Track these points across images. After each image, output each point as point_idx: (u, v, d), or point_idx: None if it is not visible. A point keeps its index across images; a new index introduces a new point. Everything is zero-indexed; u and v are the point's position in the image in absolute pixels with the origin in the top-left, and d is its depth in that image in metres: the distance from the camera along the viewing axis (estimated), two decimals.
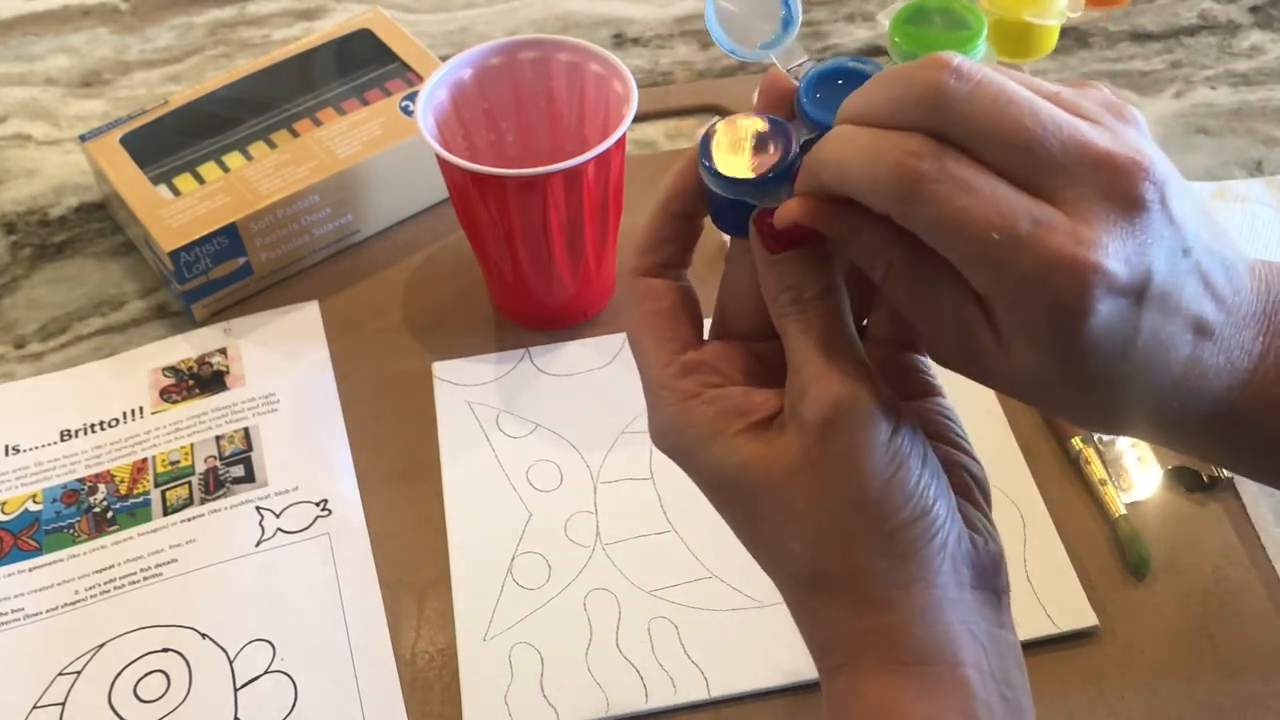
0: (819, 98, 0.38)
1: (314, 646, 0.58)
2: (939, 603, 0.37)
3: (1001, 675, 0.38)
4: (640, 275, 0.41)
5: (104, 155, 0.73)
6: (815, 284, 0.38)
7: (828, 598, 0.38)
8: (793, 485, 0.37)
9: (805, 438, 0.37)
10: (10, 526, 0.63)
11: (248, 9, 0.93)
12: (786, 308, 0.38)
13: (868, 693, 0.37)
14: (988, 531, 0.39)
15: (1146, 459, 0.63)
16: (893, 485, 0.37)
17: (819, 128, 0.37)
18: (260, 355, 0.70)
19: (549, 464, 0.64)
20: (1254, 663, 0.56)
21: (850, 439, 0.36)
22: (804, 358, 0.37)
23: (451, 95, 0.66)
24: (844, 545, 0.37)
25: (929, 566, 0.37)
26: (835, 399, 0.36)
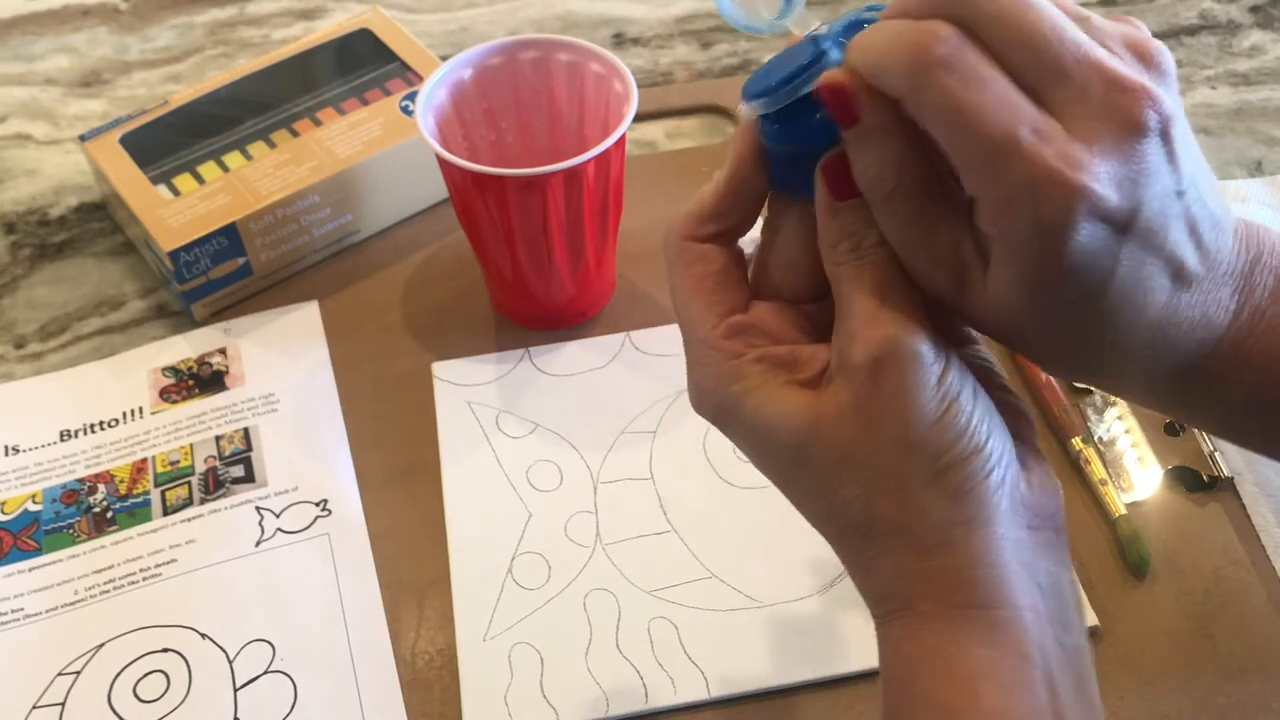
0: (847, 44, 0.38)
1: (314, 646, 0.58)
2: (998, 543, 0.37)
3: (1060, 619, 0.37)
4: (688, 239, 0.41)
5: (104, 155, 0.73)
6: (876, 231, 0.38)
7: (884, 543, 0.38)
8: (843, 429, 0.37)
9: (854, 380, 0.37)
10: (10, 527, 0.63)
11: (248, 9, 0.93)
12: (845, 255, 0.38)
13: (925, 636, 0.37)
14: (1043, 470, 0.39)
15: (1147, 459, 0.63)
16: (944, 423, 0.36)
17: None
18: (260, 355, 0.70)
19: (549, 464, 0.64)
20: (1254, 663, 0.56)
21: (899, 378, 0.36)
22: (855, 304, 0.37)
23: (451, 95, 0.66)
24: (898, 487, 0.37)
25: (986, 504, 0.37)
26: (883, 339, 0.36)
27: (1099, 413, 0.64)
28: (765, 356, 0.39)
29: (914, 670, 0.37)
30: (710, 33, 0.89)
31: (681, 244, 0.41)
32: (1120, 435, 0.64)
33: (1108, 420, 0.64)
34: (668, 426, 0.65)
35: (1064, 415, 0.64)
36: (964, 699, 0.36)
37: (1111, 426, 0.64)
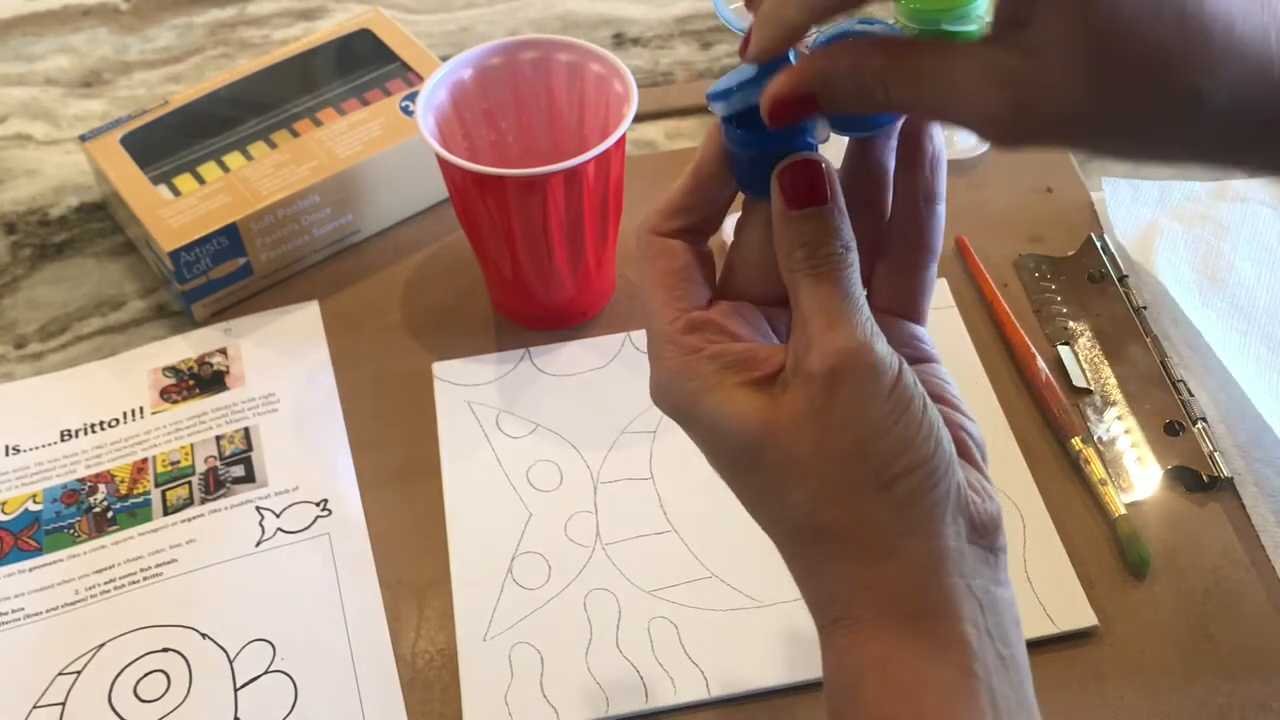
0: None
1: (314, 646, 0.58)
2: (941, 554, 0.37)
3: (998, 632, 0.38)
4: (656, 233, 0.42)
5: (104, 155, 0.73)
6: (831, 241, 0.38)
7: (829, 550, 0.38)
8: (795, 435, 0.38)
9: (810, 388, 0.37)
10: (10, 526, 0.63)
11: (248, 9, 0.93)
12: (800, 264, 0.39)
13: (868, 646, 0.37)
14: (985, 491, 0.40)
15: (1146, 459, 0.63)
16: (895, 433, 0.37)
17: None
18: (260, 355, 0.70)
19: (549, 464, 0.64)
20: (1254, 663, 0.56)
21: (853, 389, 0.37)
22: (812, 312, 0.38)
23: (451, 95, 0.66)
24: (846, 494, 0.37)
25: (931, 516, 0.37)
26: (840, 349, 0.37)
27: (1099, 413, 0.65)
28: (721, 354, 0.39)
29: (857, 680, 0.38)
30: (710, 33, 0.89)
31: (649, 237, 0.42)
32: (1120, 435, 0.64)
33: (1107, 420, 0.64)
34: (668, 426, 0.65)
35: (1064, 415, 0.64)
36: (907, 710, 0.36)
37: (1111, 426, 0.64)
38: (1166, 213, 0.73)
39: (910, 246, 0.43)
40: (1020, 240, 0.73)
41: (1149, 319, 0.68)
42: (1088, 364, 0.67)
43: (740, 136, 0.39)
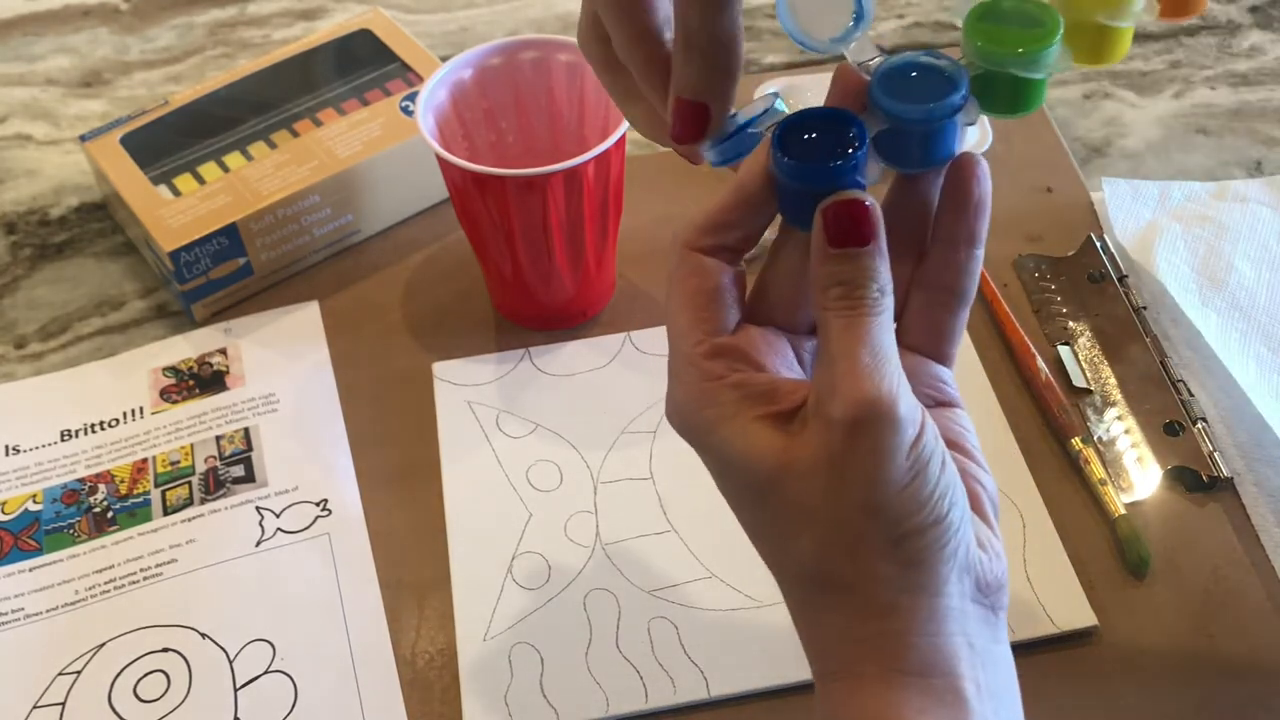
0: (893, 90, 0.39)
1: (314, 646, 0.58)
2: (943, 612, 0.37)
3: (996, 690, 0.38)
4: (691, 248, 0.40)
5: (104, 155, 0.73)
6: (868, 284, 0.38)
7: (832, 600, 0.38)
8: (809, 480, 0.37)
9: (829, 434, 0.37)
10: (10, 526, 0.63)
11: (248, 9, 0.93)
12: (834, 302, 0.38)
13: (864, 700, 0.37)
14: (993, 549, 0.39)
15: (1146, 459, 0.63)
16: (910, 491, 0.36)
17: (892, 120, 0.38)
18: (260, 355, 0.70)
19: (549, 464, 0.64)
20: (1254, 663, 0.56)
21: (874, 441, 0.36)
22: (841, 354, 0.37)
23: (451, 95, 0.66)
24: (854, 547, 0.37)
25: (937, 575, 0.37)
26: (865, 399, 0.36)
27: (1099, 413, 0.65)
28: (743, 384, 0.39)
29: None
30: None
31: (683, 252, 0.40)
32: (1120, 435, 0.64)
33: (1107, 420, 0.64)
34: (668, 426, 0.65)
35: (1064, 415, 0.64)
36: None
37: (1111, 427, 0.64)
38: (1166, 213, 0.73)
39: (945, 288, 0.42)
40: (1020, 240, 0.73)
41: (1149, 319, 0.68)
42: (1087, 364, 0.67)
43: (789, 167, 0.38)
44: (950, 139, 0.40)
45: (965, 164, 0.41)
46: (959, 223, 0.41)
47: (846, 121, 0.38)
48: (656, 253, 0.72)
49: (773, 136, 0.39)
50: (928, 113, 0.38)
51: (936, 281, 0.42)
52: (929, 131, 0.39)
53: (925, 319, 0.42)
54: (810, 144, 0.38)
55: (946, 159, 0.40)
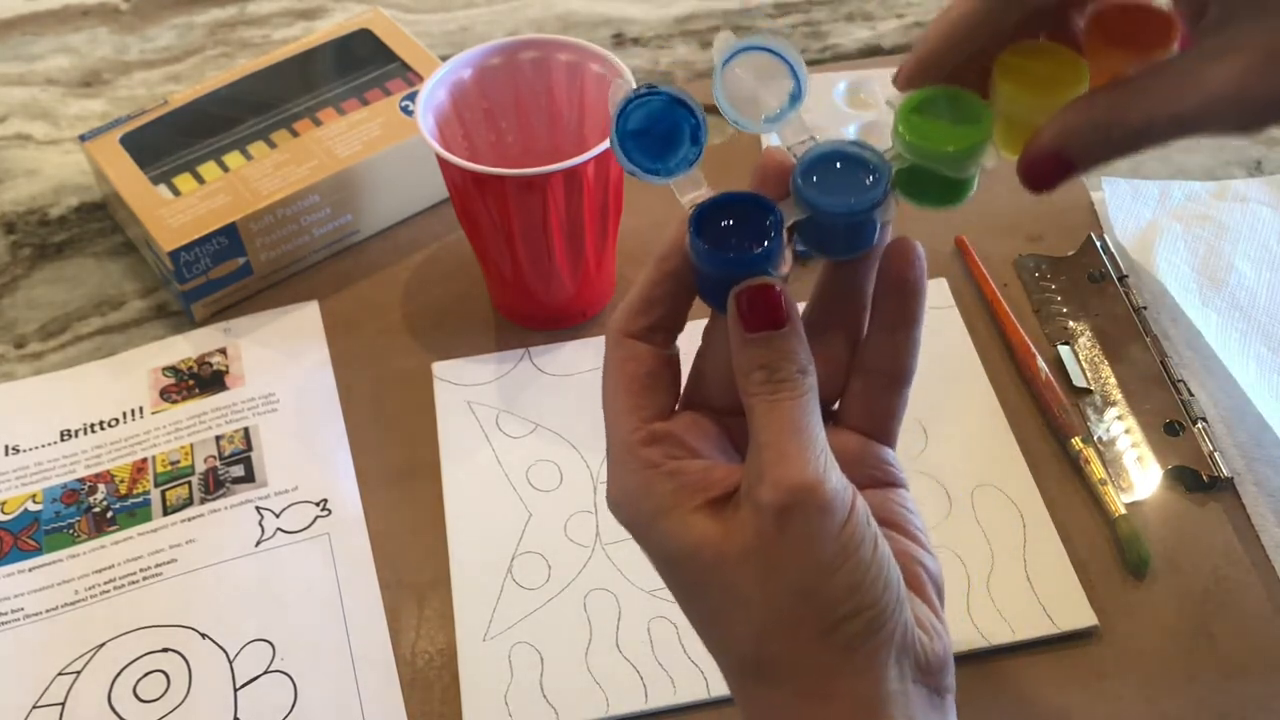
0: (815, 180, 0.39)
1: (314, 646, 0.58)
2: (883, 697, 0.37)
3: None
4: (626, 334, 0.41)
5: (104, 155, 0.73)
6: (788, 365, 0.38)
7: (770, 685, 0.38)
8: (744, 568, 0.37)
9: (759, 521, 0.37)
10: (10, 526, 0.63)
11: (248, 9, 0.93)
12: (757, 387, 0.38)
13: None
14: (935, 630, 0.39)
15: (1146, 459, 0.63)
16: (842, 575, 0.36)
17: (812, 209, 0.39)
18: (260, 355, 0.70)
19: (549, 464, 0.64)
20: (1254, 663, 0.56)
21: (803, 527, 0.36)
22: (767, 439, 0.37)
23: (451, 95, 0.66)
24: (790, 632, 0.37)
25: (874, 659, 0.37)
26: (791, 486, 0.36)
27: (1099, 413, 0.65)
28: (679, 472, 0.39)
29: None
30: (710, 33, 0.89)
31: (617, 338, 0.41)
32: (1120, 435, 0.64)
33: (1107, 420, 0.64)
34: None
35: (1064, 415, 0.64)
36: None
37: (1111, 426, 0.64)
38: (1166, 213, 0.73)
39: (884, 370, 0.42)
40: (1020, 240, 0.73)
41: (1149, 319, 0.68)
42: (1088, 364, 0.67)
43: (703, 252, 0.39)
44: (870, 231, 0.40)
45: (901, 250, 0.41)
46: (897, 308, 0.42)
47: (765, 209, 0.39)
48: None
49: (690, 219, 0.39)
50: (847, 207, 0.39)
51: (876, 365, 0.42)
52: (849, 223, 0.40)
53: (866, 401, 0.42)
54: (727, 230, 0.39)
55: (866, 249, 0.41)
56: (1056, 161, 0.39)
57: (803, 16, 0.89)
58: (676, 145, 0.40)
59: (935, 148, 0.40)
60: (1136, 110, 0.37)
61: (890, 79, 0.44)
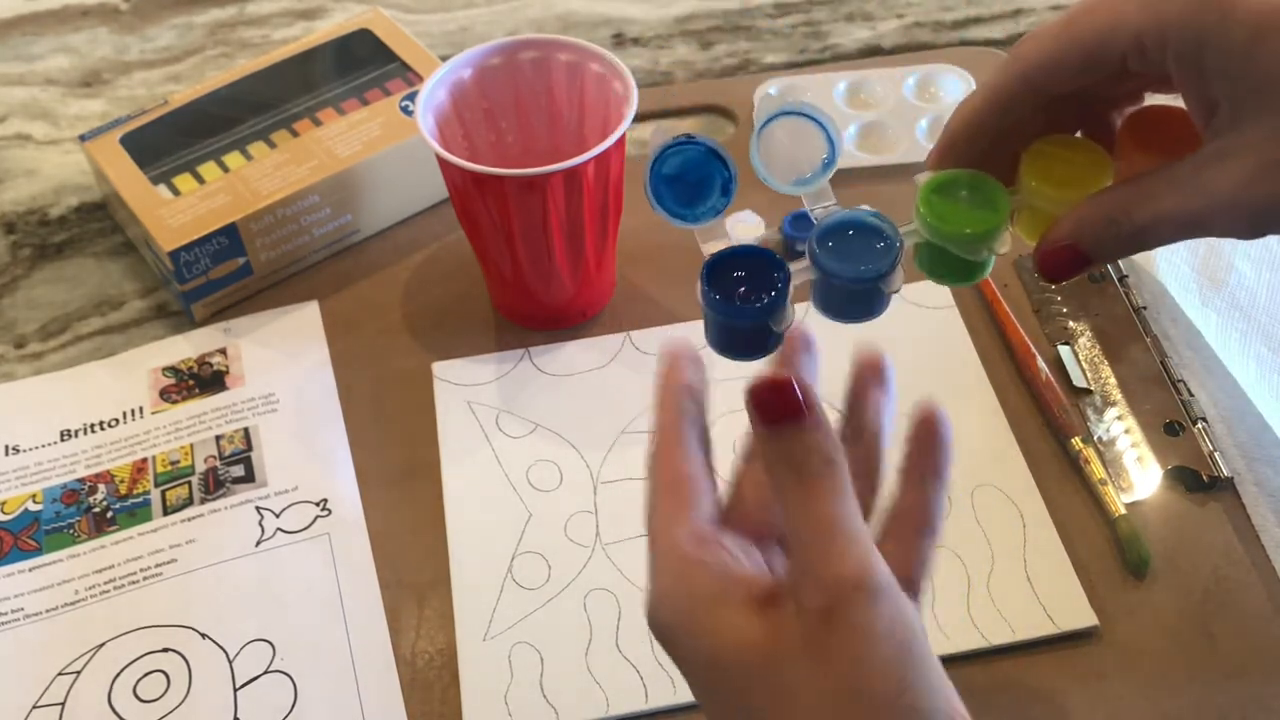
0: (831, 245, 0.41)
1: (314, 646, 0.58)
2: None
3: None
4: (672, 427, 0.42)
5: (104, 155, 0.73)
6: (814, 459, 0.38)
7: None
8: (793, 669, 0.37)
9: (805, 623, 0.37)
10: (10, 526, 0.63)
11: (248, 9, 0.93)
12: (786, 481, 0.38)
13: None
14: None
15: (1146, 459, 0.63)
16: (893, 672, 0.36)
17: (823, 272, 0.41)
18: (260, 355, 0.70)
19: (549, 464, 0.64)
20: (1254, 663, 0.56)
21: (850, 626, 0.36)
22: (806, 538, 0.37)
23: (451, 95, 0.66)
24: None
25: None
26: (836, 582, 0.36)
27: (1099, 413, 0.65)
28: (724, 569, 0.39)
29: None
30: (710, 33, 0.89)
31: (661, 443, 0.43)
32: (1120, 435, 0.64)
33: (1107, 420, 0.64)
34: None
35: (1064, 415, 0.64)
36: None
37: (1111, 426, 0.64)
38: None
39: (912, 523, 0.43)
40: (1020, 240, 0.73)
41: (1149, 319, 0.68)
42: (1088, 364, 0.67)
43: (710, 298, 0.41)
44: (877, 301, 0.42)
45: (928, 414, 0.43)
46: (924, 460, 0.43)
47: (774, 265, 0.41)
48: (656, 253, 0.73)
49: (703, 266, 0.41)
50: (856, 273, 0.41)
51: (904, 516, 0.43)
52: (855, 289, 0.42)
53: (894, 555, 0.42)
54: (737, 280, 0.41)
55: (872, 317, 0.43)
56: (1072, 254, 0.40)
57: (803, 16, 0.89)
58: (707, 194, 0.42)
59: (951, 229, 0.41)
60: (1144, 209, 0.39)
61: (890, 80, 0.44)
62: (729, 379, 0.68)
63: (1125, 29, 0.39)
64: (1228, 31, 0.37)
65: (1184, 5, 0.37)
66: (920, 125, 0.78)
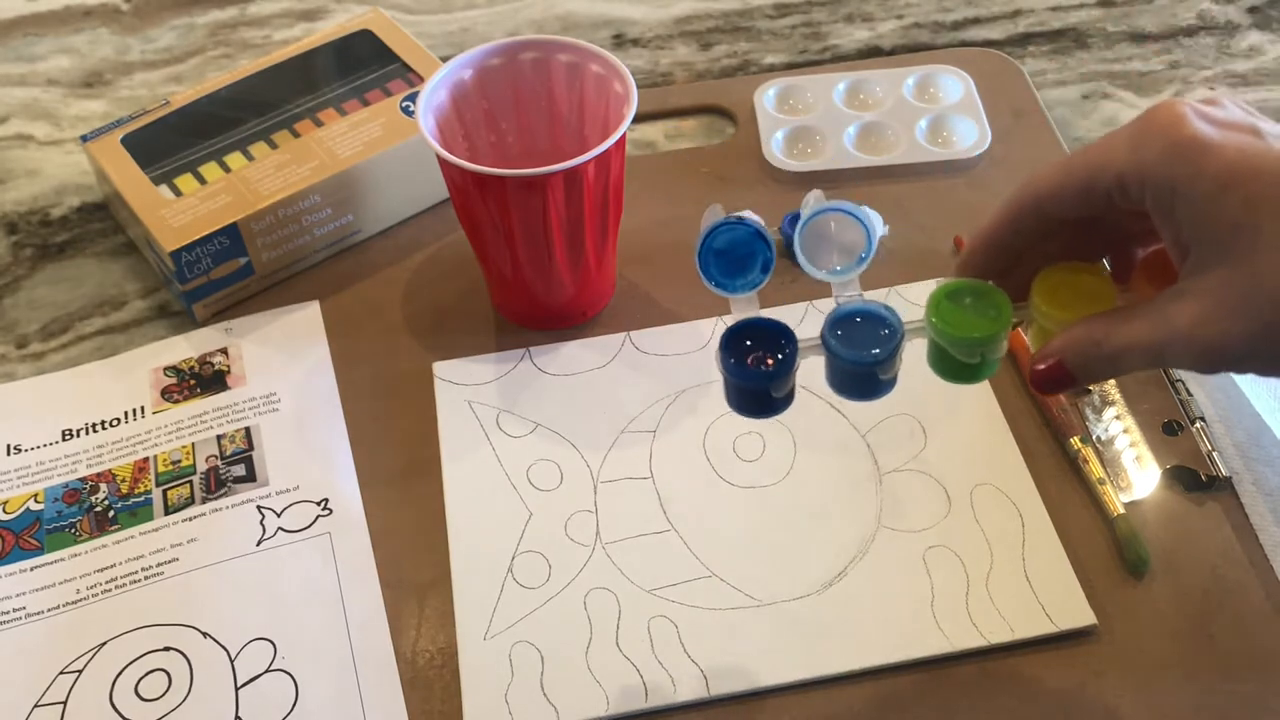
0: (840, 331, 0.46)
1: (315, 645, 0.58)
2: None
3: None
4: None
5: (105, 155, 0.73)
6: None
7: None
8: None
9: None
10: (12, 526, 0.63)
11: (249, 10, 0.93)
12: None
13: None
14: None
15: (1145, 459, 0.63)
16: None
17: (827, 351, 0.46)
18: (261, 355, 0.70)
19: (549, 463, 0.64)
20: (1253, 663, 0.56)
21: None
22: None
23: (452, 96, 0.67)
24: None
25: None
26: None
27: (1097, 412, 0.65)
28: None
29: None
30: (710, 33, 0.89)
31: None
32: (1118, 435, 0.64)
33: (1106, 420, 0.64)
34: (667, 426, 0.65)
35: (1062, 415, 0.64)
36: None
37: (1110, 426, 0.64)
38: None
39: None
40: None
41: None
42: None
43: (724, 361, 0.47)
44: (874, 385, 0.47)
45: None
46: None
47: (786, 338, 0.47)
48: (657, 253, 0.73)
49: (723, 334, 0.47)
50: (855, 357, 0.46)
51: None
52: (854, 371, 0.46)
53: None
54: (751, 346, 0.47)
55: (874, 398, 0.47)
56: (1059, 371, 0.44)
57: (803, 17, 0.89)
58: (749, 269, 0.47)
59: (955, 333, 0.46)
60: (1119, 335, 0.43)
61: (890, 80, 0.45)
62: None
63: (1111, 168, 0.42)
64: (1196, 181, 0.40)
65: (1161, 152, 0.41)
66: (919, 125, 0.79)
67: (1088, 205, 0.44)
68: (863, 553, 0.60)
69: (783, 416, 0.46)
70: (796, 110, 0.81)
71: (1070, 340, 0.44)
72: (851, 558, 0.60)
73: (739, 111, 0.81)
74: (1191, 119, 0.41)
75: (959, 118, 0.79)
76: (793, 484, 0.63)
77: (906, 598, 0.58)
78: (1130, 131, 0.42)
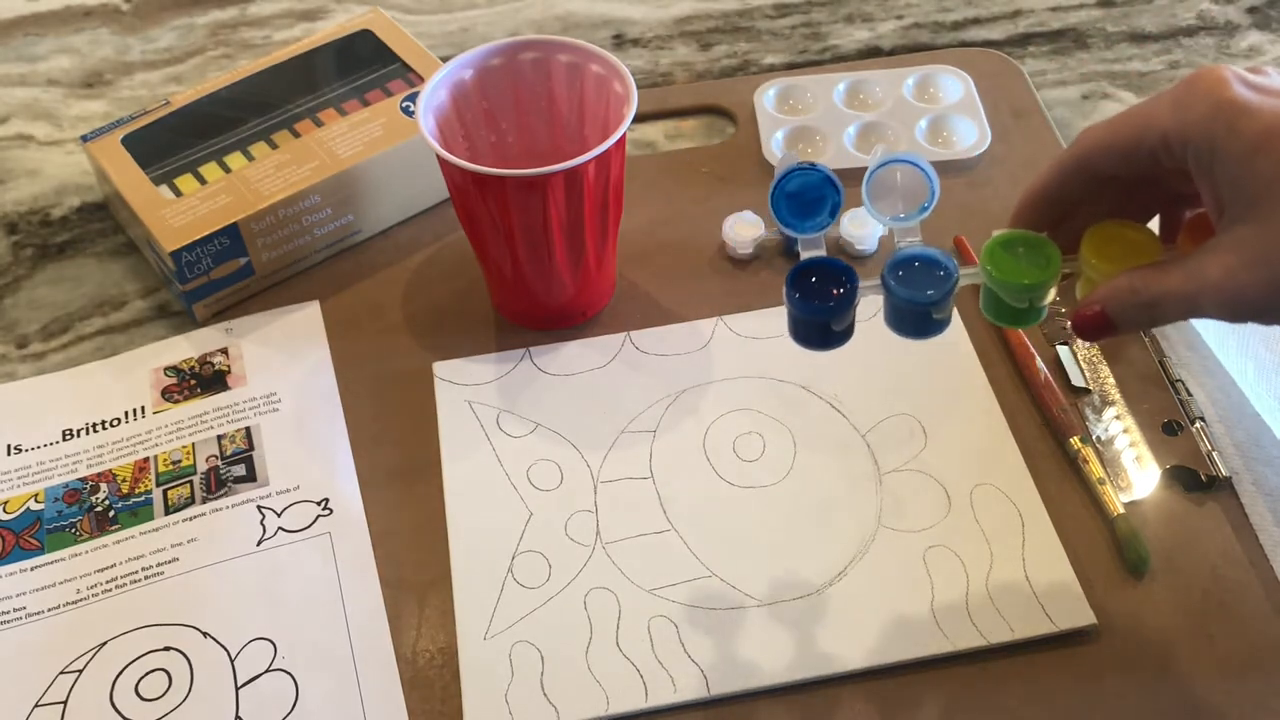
0: (901, 272, 0.49)
1: (315, 645, 0.58)
2: None
3: None
4: None
5: (105, 155, 0.73)
6: None
7: None
8: None
9: None
10: (12, 526, 0.63)
11: (249, 10, 0.93)
12: None
13: None
14: None
15: (1145, 459, 0.63)
16: None
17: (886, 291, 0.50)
18: (261, 355, 0.70)
19: (549, 463, 0.64)
20: (1253, 663, 0.56)
21: None
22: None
23: (452, 96, 0.67)
24: None
25: None
26: None
27: (1097, 412, 0.65)
28: None
29: None
30: (710, 33, 0.89)
31: None
32: (1118, 435, 0.64)
33: (1106, 420, 0.64)
34: (668, 426, 0.65)
35: (1062, 415, 0.64)
36: None
37: (1110, 426, 0.64)
38: None
39: None
40: None
41: None
42: (1086, 364, 0.67)
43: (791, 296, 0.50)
44: (928, 324, 0.50)
45: None
46: None
47: (847, 276, 0.50)
48: (657, 253, 0.73)
49: (790, 271, 0.50)
50: (910, 296, 0.49)
51: None
52: (909, 310, 0.50)
53: None
54: (815, 283, 0.50)
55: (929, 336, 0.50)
56: (1101, 318, 0.47)
57: (803, 17, 0.89)
58: (818, 212, 0.50)
59: (1003, 277, 0.49)
60: (1157, 285, 0.45)
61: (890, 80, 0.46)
62: (729, 379, 0.68)
63: (1156, 128, 0.45)
64: (1233, 141, 0.42)
65: (1202, 114, 0.43)
66: (919, 125, 0.79)
67: (1133, 163, 0.47)
68: (863, 553, 0.60)
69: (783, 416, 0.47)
70: (796, 110, 0.81)
71: (1112, 289, 0.47)
72: (851, 558, 0.60)
73: (739, 111, 0.81)
74: (1233, 83, 0.43)
75: (959, 118, 0.79)
76: (793, 484, 0.63)
77: (906, 598, 0.58)
78: (1175, 93, 0.45)
